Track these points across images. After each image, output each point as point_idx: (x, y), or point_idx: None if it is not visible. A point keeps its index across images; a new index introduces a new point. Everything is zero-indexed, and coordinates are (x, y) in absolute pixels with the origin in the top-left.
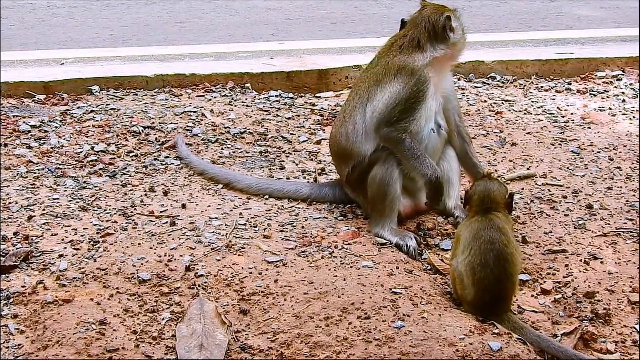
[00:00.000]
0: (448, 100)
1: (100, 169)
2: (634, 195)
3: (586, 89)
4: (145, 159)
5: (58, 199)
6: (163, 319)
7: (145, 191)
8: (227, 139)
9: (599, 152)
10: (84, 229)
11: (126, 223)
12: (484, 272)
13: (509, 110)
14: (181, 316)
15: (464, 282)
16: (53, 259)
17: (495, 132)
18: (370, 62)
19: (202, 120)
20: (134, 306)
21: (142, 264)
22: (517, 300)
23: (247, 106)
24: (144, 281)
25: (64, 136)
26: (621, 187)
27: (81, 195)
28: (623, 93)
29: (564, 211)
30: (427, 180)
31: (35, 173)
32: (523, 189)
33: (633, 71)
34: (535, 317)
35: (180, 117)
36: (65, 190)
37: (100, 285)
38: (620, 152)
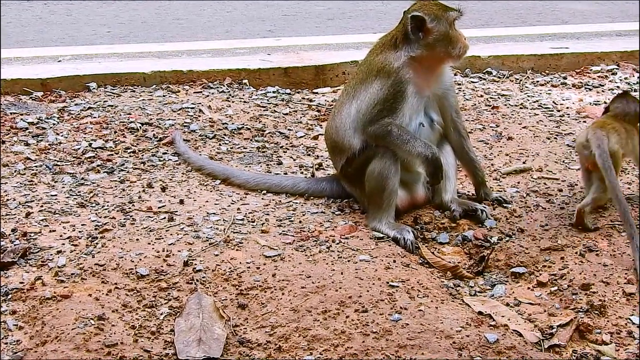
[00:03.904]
0: (443, 97)
1: (98, 165)
2: (629, 188)
3: (581, 83)
4: (142, 155)
5: (56, 195)
6: (161, 314)
7: (143, 187)
8: (225, 134)
9: None
10: (82, 225)
11: (124, 219)
12: None
13: (505, 105)
14: (179, 311)
15: None
16: (51, 255)
17: (491, 126)
18: (363, 59)
19: (199, 116)
20: (132, 301)
21: (140, 259)
22: (513, 292)
23: (245, 102)
24: (142, 276)
25: (61, 133)
26: None
27: (79, 192)
28: (618, 87)
29: (559, 204)
30: (424, 159)
31: (32, 170)
32: (519, 182)
33: (628, 65)
34: (531, 308)
35: (178, 113)
36: (63, 187)
37: (98, 281)
38: None
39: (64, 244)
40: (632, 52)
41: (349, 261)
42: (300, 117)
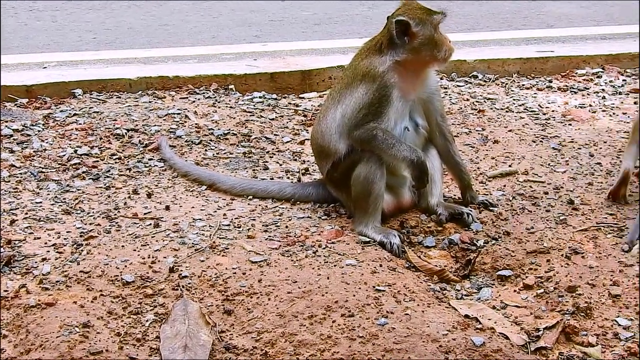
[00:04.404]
0: (429, 102)
1: (83, 172)
2: None
3: (566, 86)
4: (128, 161)
5: (41, 202)
6: (147, 321)
7: (129, 193)
8: (211, 140)
9: (580, 148)
10: (67, 232)
11: (109, 225)
12: None
13: (491, 108)
14: (165, 317)
15: None
16: (36, 262)
17: (477, 130)
18: (348, 64)
19: (185, 122)
20: (118, 308)
21: (126, 266)
22: (499, 295)
23: (231, 107)
24: (127, 283)
25: (46, 139)
26: (601, 183)
27: (64, 199)
28: (603, 90)
29: (545, 207)
30: (410, 162)
31: (17, 177)
32: (505, 185)
33: (612, 68)
34: (517, 311)
35: (164, 119)
36: (48, 194)
37: (83, 288)
38: (601, 148)
39: (48, 252)
40: (617, 55)
41: (335, 266)
42: (287, 122)
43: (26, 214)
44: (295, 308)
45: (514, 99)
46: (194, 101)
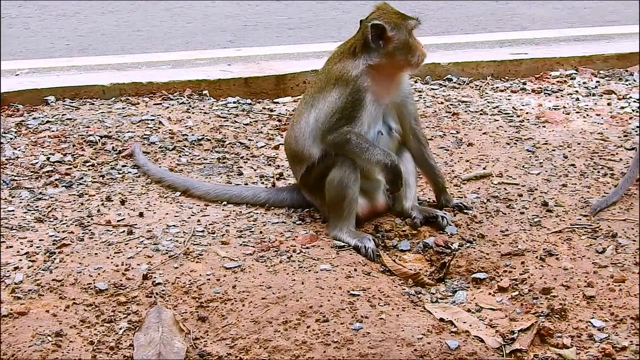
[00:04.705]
0: (402, 105)
1: (56, 179)
2: (588, 192)
3: (540, 88)
4: (101, 168)
5: (13, 210)
6: (120, 329)
7: (102, 200)
8: (185, 146)
9: (554, 150)
10: (40, 240)
11: (82, 233)
12: None
13: (465, 111)
14: (139, 325)
15: None
16: (8, 271)
17: (451, 133)
18: (321, 68)
19: (159, 128)
20: (91, 316)
21: (99, 274)
22: (474, 298)
23: (205, 113)
24: (100, 291)
25: (19, 147)
26: (575, 184)
27: (37, 206)
28: (576, 91)
29: (519, 209)
30: (383, 166)
31: None
32: (479, 188)
33: (586, 70)
34: (492, 314)
35: (137, 126)
36: (21, 202)
37: (56, 297)
38: (574, 150)
39: (21, 260)
40: (590, 57)
41: (309, 271)
42: (261, 127)
43: None
44: (269, 314)
45: (488, 102)
46: (167, 107)
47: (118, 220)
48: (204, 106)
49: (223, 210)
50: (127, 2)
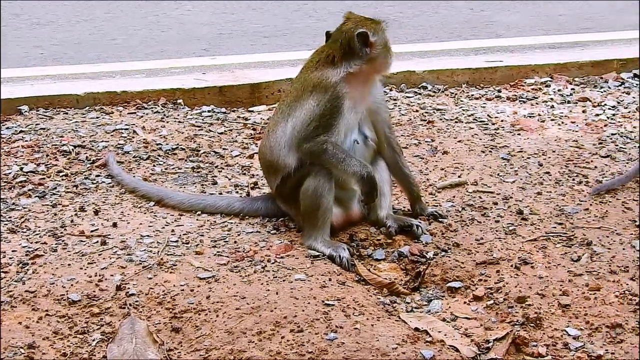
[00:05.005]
0: (376, 112)
1: (30, 190)
2: (563, 199)
3: (515, 95)
4: (75, 178)
5: None
6: (93, 340)
7: (76, 211)
8: (159, 155)
9: (529, 158)
10: (12, 251)
11: (56, 244)
12: None
13: (440, 119)
14: (112, 336)
15: None
16: None
17: (426, 141)
18: (296, 77)
19: (133, 137)
20: (64, 328)
21: (72, 285)
22: (449, 307)
23: (179, 122)
24: (73, 302)
25: None
26: (550, 192)
27: (9, 217)
28: (551, 99)
29: (494, 217)
30: (359, 178)
31: None
32: (454, 196)
33: (561, 77)
34: (467, 323)
35: (111, 135)
36: None
37: (28, 308)
38: (549, 157)
39: None
40: (565, 64)
41: (284, 281)
42: (236, 136)
43: None
44: (243, 324)
45: (463, 109)
46: (142, 116)
47: (92, 231)
48: (178, 115)
49: (197, 220)
50: (102, 10)
